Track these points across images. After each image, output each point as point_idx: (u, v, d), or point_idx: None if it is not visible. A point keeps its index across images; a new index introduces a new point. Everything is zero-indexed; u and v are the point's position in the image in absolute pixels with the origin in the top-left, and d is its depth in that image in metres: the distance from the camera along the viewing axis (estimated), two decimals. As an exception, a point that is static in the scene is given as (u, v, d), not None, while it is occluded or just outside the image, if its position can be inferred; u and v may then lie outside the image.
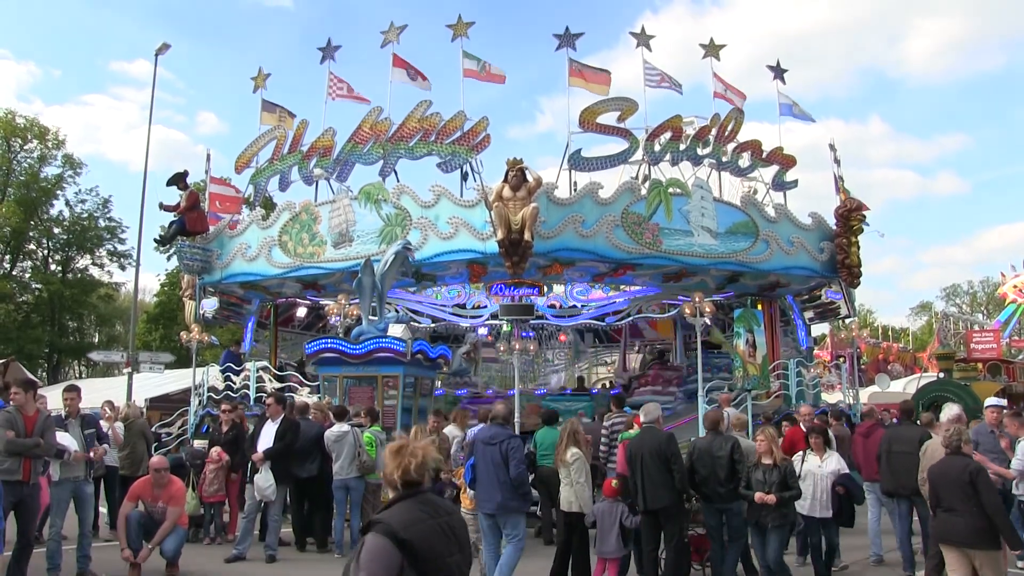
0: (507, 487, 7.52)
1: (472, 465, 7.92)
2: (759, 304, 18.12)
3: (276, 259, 16.39)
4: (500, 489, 7.54)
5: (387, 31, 16.79)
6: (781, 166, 17.63)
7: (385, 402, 12.84)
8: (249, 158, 17.99)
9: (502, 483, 7.54)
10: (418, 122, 15.11)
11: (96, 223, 40.39)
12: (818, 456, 8.47)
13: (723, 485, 7.85)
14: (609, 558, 7.74)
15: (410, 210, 14.98)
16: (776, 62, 19.04)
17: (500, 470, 7.55)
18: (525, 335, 17.88)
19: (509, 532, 7.67)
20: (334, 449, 10.02)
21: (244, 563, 9.46)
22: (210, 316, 18.49)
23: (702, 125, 16.66)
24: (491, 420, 8.16)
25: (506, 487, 7.52)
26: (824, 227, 17.26)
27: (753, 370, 16.97)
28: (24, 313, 39.18)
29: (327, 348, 13.26)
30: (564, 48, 16.22)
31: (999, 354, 28.70)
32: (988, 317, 52.13)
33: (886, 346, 38.55)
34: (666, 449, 7.71)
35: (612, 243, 14.65)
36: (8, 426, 7.47)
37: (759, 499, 7.49)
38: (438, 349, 14.23)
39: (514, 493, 7.58)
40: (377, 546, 2.85)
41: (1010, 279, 38.93)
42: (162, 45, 22.15)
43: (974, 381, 21.89)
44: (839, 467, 8.43)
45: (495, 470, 7.58)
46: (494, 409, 8.40)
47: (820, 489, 8.27)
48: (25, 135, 37.97)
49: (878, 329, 47.31)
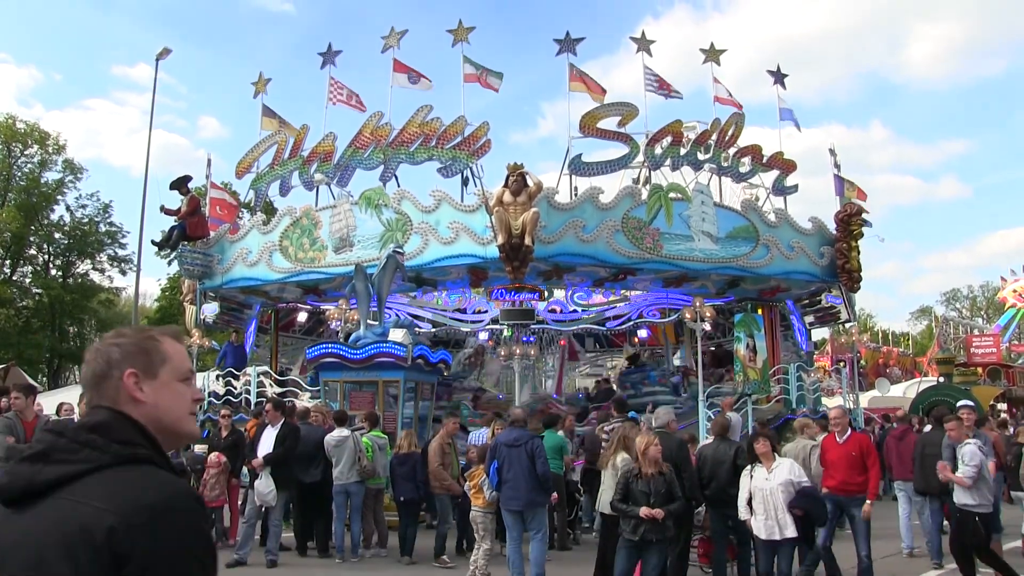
0: (534, 484, 8.08)
1: (497, 468, 8.25)
2: (759, 309, 18.13)
3: (277, 264, 16.40)
4: (528, 487, 8.08)
5: (388, 36, 16.83)
6: (781, 171, 17.65)
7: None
8: (250, 163, 18.02)
9: (529, 481, 8.07)
10: (419, 127, 15.14)
11: (97, 228, 40.37)
12: (766, 467, 7.44)
13: (727, 490, 7.88)
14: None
15: (411, 215, 15.00)
16: (777, 67, 19.10)
17: (527, 469, 8.09)
18: (526, 340, 17.89)
19: (534, 527, 8.26)
20: (334, 454, 10.03)
21: (245, 568, 9.44)
22: (211, 321, 18.48)
23: (703, 130, 16.70)
24: (512, 423, 8.70)
25: (533, 484, 8.08)
26: (824, 232, 17.27)
27: (753, 375, 16.97)
28: (24, 318, 39.13)
29: (328, 353, 13.26)
30: (565, 53, 16.26)
31: (999, 358, 28.72)
32: (988, 321, 52.13)
33: (886, 350, 38.51)
34: (676, 454, 7.78)
35: (613, 248, 14.66)
36: (8, 432, 7.46)
37: (645, 514, 6.78)
38: (439, 354, 14.24)
39: (539, 489, 8.17)
40: None
41: (1010, 283, 38.95)
42: (163, 50, 22.17)
43: (974, 385, 21.92)
44: (790, 476, 7.35)
45: (522, 470, 8.09)
46: (513, 413, 9.05)
47: (772, 505, 7.23)
48: (26, 140, 37.98)
49: (878, 334, 47.26)
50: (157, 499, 1.46)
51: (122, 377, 1.62)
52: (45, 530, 1.43)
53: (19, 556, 1.43)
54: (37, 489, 1.48)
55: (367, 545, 10.43)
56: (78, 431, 1.55)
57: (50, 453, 1.52)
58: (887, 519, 10.32)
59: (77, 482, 1.47)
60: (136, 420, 1.60)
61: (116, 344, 1.67)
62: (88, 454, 1.51)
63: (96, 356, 1.67)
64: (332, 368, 13.24)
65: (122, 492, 1.45)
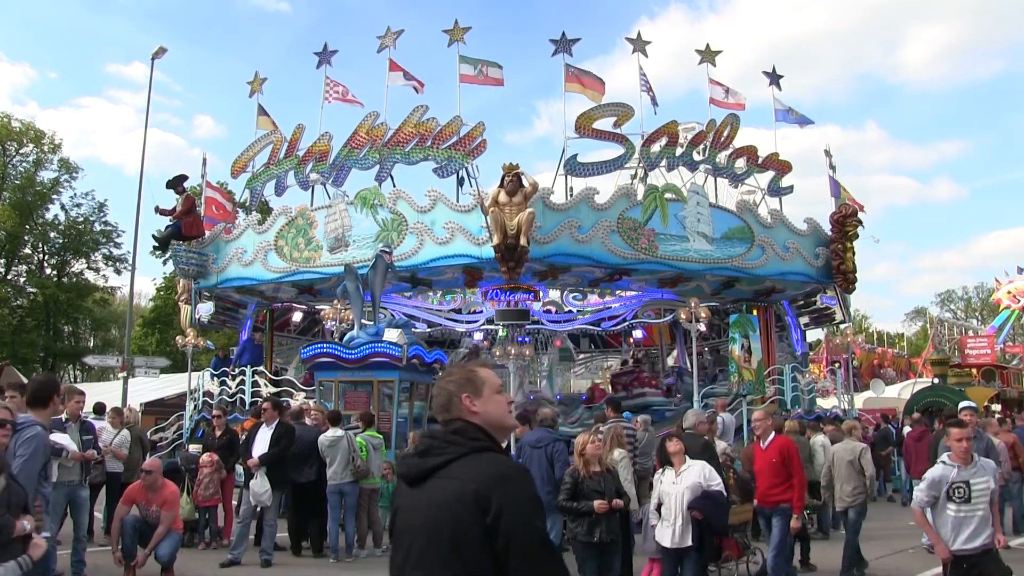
0: (551, 488, 7.98)
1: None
2: (755, 309, 18.17)
3: (272, 264, 16.38)
4: (544, 490, 7.95)
5: (384, 36, 16.84)
6: (777, 172, 17.69)
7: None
8: (245, 163, 18.00)
9: (546, 484, 8.08)
10: (414, 127, 15.15)
11: (92, 227, 40.34)
12: (675, 469, 6.92)
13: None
14: (655, 558, 7.76)
15: (406, 215, 15.00)
16: (772, 68, 19.15)
17: (546, 472, 8.22)
18: (521, 340, 17.90)
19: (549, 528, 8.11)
20: (328, 454, 10.02)
21: (239, 568, 9.42)
22: (206, 320, 18.47)
23: (698, 131, 16.73)
24: (539, 423, 8.74)
25: (550, 488, 8.01)
26: (820, 233, 17.32)
27: (748, 375, 16.99)
28: (19, 317, 39.07)
29: (323, 353, 13.25)
30: (561, 53, 16.28)
31: (993, 360, 28.75)
32: (982, 323, 52.28)
33: (881, 351, 38.57)
34: (702, 455, 7.84)
35: (608, 248, 14.68)
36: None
37: (599, 507, 6.48)
38: (434, 354, 14.23)
39: (556, 492, 8.01)
40: None
41: (1004, 285, 39.03)
42: (159, 49, 22.11)
43: (968, 386, 21.96)
44: (700, 479, 6.76)
45: (540, 472, 8.21)
46: (540, 413, 9.03)
47: (675, 511, 6.74)
48: (21, 139, 37.93)
49: (873, 335, 47.36)
50: (500, 471, 2.33)
51: (461, 400, 2.48)
52: (435, 497, 2.33)
53: (420, 513, 2.35)
54: (425, 473, 2.39)
55: (361, 545, 10.43)
56: (445, 435, 2.44)
57: (430, 450, 2.43)
58: (879, 519, 10.31)
59: (450, 466, 2.35)
60: (478, 424, 2.44)
61: (451, 380, 2.55)
62: (453, 449, 2.39)
63: (440, 391, 2.56)
64: (327, 368, 13.23)
65: (478, 469, 2.32)
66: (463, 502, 2.25)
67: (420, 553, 2.31)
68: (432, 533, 2.29)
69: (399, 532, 2.44)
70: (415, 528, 2.35)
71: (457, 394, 2.49)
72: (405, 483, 2.48)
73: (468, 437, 2.41)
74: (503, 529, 2.22)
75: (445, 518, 2.27)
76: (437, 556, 2.27)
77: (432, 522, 2.30)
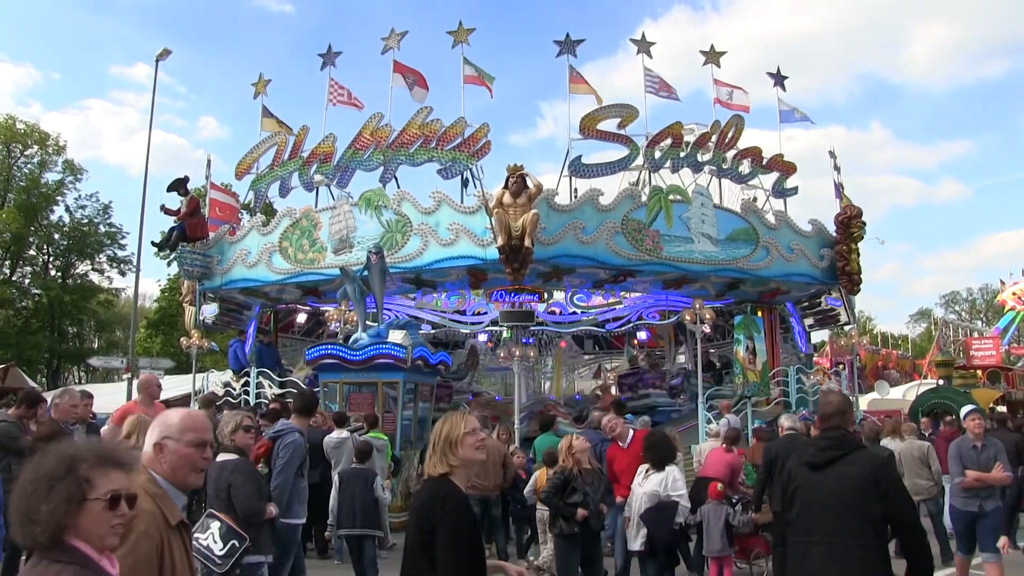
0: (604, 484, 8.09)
1: None
2: (759, 311, 18.12)
3: (276, 265, 16.39)
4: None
5: (388, 37, 16.83)
6: (781, 173, 17.65)
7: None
8: (249, 164, 18.01)
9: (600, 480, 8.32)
10: (419, 128, 15.14)
11: (96, 229, 40.35)
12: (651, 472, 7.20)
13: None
14: (717, 556, 7.81)
15: (410, 216, 14.99)
16: (776, 69, 19.13)
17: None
18: (525, 341, 17.88)
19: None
20: (333, 455, 10.02)
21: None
22: (210, 322, 18.47)
23: (702, 132, 16.70)
24: (588, 426, 9.14)
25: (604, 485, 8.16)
26: (824, 234, 17.27)
27: (753, 377, 16.97)
28: (24, 319, 39.10)
29: (328, 354, 13.24)
30: (565, 55, 16.27)
31: (998, 361, 28.66)
32: (987, 324, 52.11)
33: (885, 353, 38.46)
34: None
35: (612, 250, 14.66)
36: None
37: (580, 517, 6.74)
38: (438, 355, 14.22)
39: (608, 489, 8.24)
40: None
41: (1009, 286, 38.88)
42: (163, 51, 22.17)
43: (973, 388, 21.89)
44: (659, 488, 6.90)
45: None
46: (593, 416, 9.45)
47: (634, 516, 7.08)
48: (25, 140, 37.97)
49: (877, 336, 47.21)
50: (882, 461, 4.01)
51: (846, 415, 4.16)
52: (843, 477, 3.82)
53: (832, 491, 3.81)
54: (827, 462, 3.88)
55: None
56: (830, 440, 3.98)
57: (829, 448, 3.93)
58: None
59: (847, 456, 3.87)
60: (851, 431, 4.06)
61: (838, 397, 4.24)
62: (844, 446, 3.92)
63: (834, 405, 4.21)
64: (331, 369, 13.22)
65: (867, 460, 3.91)
66: (867, 479, 3.74)
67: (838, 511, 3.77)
68: (843, 496, 3.78)
69: (806, 503, 3.87)
70: (822, 500, 3.83)
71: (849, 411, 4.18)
72: (809, 468, 3.94)
73: (849, 440, 3.99)
74: (889, 494, 3.75)
75: (854, 492, 3.74)
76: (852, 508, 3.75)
77: (843, 496, 3.78)
